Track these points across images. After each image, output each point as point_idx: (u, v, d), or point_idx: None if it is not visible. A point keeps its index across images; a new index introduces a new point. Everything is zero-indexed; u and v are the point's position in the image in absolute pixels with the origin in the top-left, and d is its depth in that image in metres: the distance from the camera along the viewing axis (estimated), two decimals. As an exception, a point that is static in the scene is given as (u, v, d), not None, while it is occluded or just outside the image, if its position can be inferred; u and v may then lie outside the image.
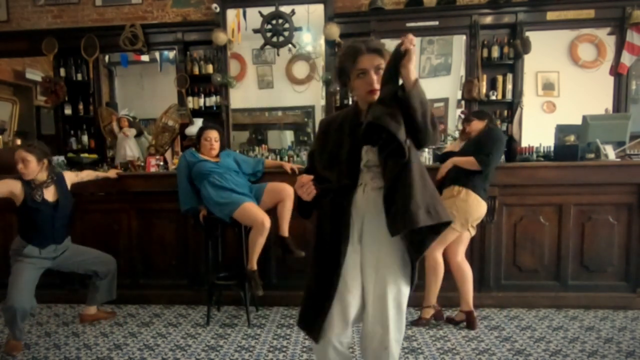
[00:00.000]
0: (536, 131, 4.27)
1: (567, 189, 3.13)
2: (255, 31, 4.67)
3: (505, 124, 4.61)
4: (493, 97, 4.61)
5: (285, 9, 4.59)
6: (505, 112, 4.67)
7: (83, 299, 3.13)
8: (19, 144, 3.94)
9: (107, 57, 5.35)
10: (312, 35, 5.28)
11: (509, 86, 4.59)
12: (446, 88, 5.38)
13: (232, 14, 4.84)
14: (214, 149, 3.06)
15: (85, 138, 5.06)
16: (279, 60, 5.50)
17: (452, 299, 3.01)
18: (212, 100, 4.87)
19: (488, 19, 4.57)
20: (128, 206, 3.43)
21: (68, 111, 4.97)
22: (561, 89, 5.39)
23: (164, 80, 5.31)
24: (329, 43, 4.64)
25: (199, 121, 4.44)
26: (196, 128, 3.76)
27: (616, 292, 3.18)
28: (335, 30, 4.50)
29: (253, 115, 5.92)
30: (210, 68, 4.85)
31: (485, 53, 4.60)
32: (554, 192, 3.15)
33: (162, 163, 3.72)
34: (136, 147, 4.66)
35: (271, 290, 3.19)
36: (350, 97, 4.66)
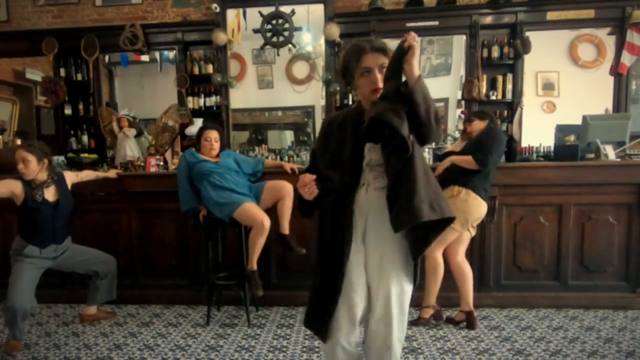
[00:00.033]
0: (536, 131, 4.27)
1: (567, 189, 3.13)
2: (255, 31, 4.67)
3: (505, 124, 4.61)
4: (493, 97, 4.62)
5: (285, 9, 4.59)
6: (505, 112, 4.67)
7: (83, 299, 3.14)
8: (19, 144, 3.94)
9: (107, 57, 5.36)
10: (312, 35, 5.28)
11: (509, 86, 4.59)
12: (446, 88, 5.38)
13: (232, 14, 4.85)
14: (214, 149, 3.06)
15: (85, 138, 5.07)
16: (279, 60, 5.50)
17: (452, 299, 3.01)
18: (212, 100, 4.88)
19: (488, 19, 4.57)
20: (128, 206, 3.43)
21: (68, 111, 4.97)
22: (561, 89, 5.39)
23: (164, 80, 5.31)
24: (329, 43, 4.64)
25: (199, 121, 4.44)
26: (196, 128, 3.76)
27: (616, 292, 3.18)
28: (335, 30, 4.51)
29: (253, 115, 5.92)
30: (210, 68, 4.85)
31: (485, 53, 4.60)
32: (554, 192, 3.15)
33: (162, 163, 3.71)
34: (136, 147, 4.66)
35: (271, 290, 3.19)
36: (350, 97, 4.66)
